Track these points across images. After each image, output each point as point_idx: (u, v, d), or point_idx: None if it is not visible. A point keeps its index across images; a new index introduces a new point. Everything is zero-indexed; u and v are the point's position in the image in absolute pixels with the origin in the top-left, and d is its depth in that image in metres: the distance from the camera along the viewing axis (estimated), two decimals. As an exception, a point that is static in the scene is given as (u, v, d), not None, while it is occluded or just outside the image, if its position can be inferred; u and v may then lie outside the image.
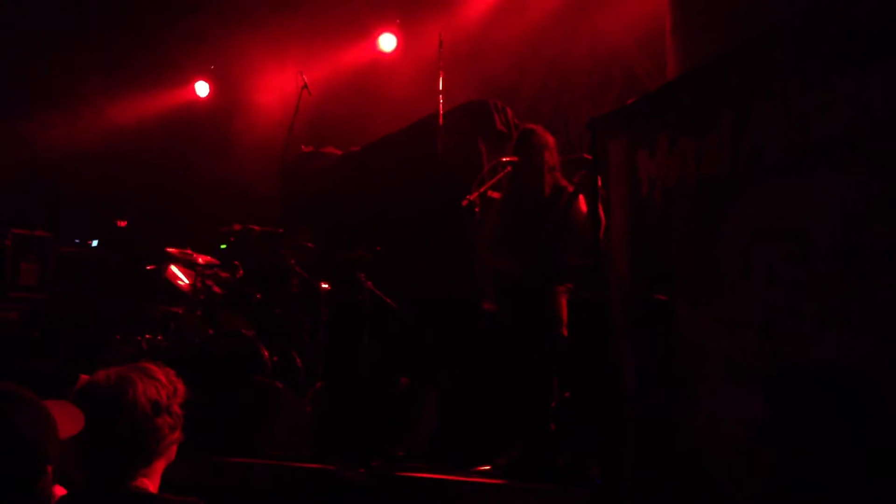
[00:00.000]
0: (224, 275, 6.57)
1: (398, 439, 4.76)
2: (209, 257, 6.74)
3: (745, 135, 2.98)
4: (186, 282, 6.72)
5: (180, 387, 2.65)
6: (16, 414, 1.96)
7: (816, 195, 2.76)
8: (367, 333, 6.15)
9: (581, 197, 4.74)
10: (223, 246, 7.24)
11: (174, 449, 2.65)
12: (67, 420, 2.16)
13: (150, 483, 2.57)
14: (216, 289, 6.52)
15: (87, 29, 8.82)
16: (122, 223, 8.91)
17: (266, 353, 5.77)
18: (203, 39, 8.92)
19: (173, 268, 6.77)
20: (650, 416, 3.53)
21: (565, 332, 4.68)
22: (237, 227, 6.94)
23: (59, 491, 2.50)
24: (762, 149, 2.92)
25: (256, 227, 6.84)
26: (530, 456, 4.20)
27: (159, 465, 2.59)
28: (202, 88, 9.14)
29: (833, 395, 2.02)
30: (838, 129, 2.66)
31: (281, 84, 8.37)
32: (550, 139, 5.19)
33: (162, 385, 2.57)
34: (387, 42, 8.48)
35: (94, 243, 8.82)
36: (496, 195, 5.90)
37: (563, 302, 4.77)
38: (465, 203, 4.98)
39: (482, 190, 5.11)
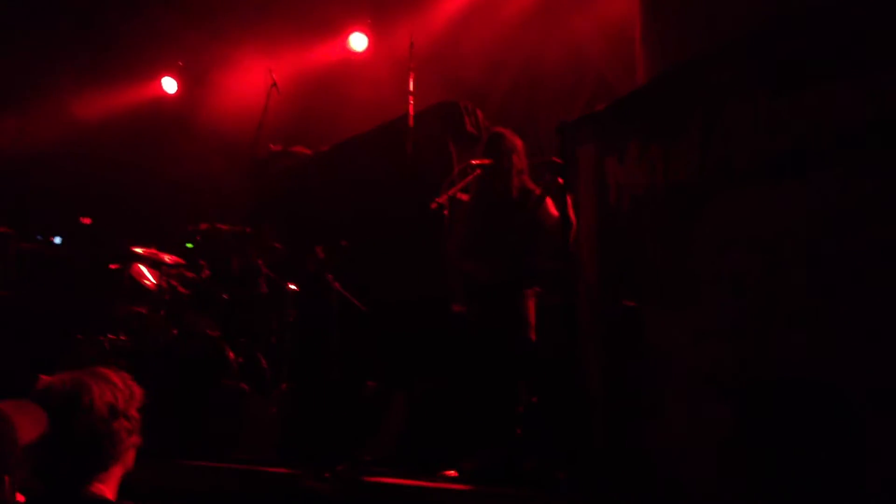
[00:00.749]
0: (190, 274, 6.49)
1: (364, 443, 4.72)
2: (175, 256, 6.65)
3: (714, 142, 2.99)
4: (152, 281, 6.62)
5: (137, 391, 2.60)
6: None
7: (783, 203, 2.77)
8: (335, 335, 6.10)
9: (549, 200, 4.73)
10: (190, 245, 7.13)
11: (132, 454, 2.60)
12: (29, 422, 2.11)
13: (108, 490, 2.52)
14: (181, 289, 6.43)
15: (53, 23, 8.68)
16: (87, 220, 8.76)
17: (231, 355, 5.70)
18: (171, 35, 8.80)
19: (139, 266, 6.66)
20: (616, 422, 3.53)
21: (533, 336, 4.67)
22: (204, 226, 6.86)
23: (19, 498, 2.44)
24: (730, 156, 2.93)
25: (224, 227, 6.76)
26: (497, 461, 4.19)
27: (117, 471, 2.54)
28: (170, 85, 9.01)
29: (802, 406, 2.02)
30: (804, 139, 2.67)
31: (250, 81, 8.27)
32: (519, 142, 5.19)
33: (118, 389, 2.53)
34: (357, 41, 8.42)
35: (58, 240, 8.67)
36: (465, 197, 5.88)
37: (531, 305, 4.76)
38: (434, 206, 4.95)
39: (451, 192, 5.09)
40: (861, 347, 2.48)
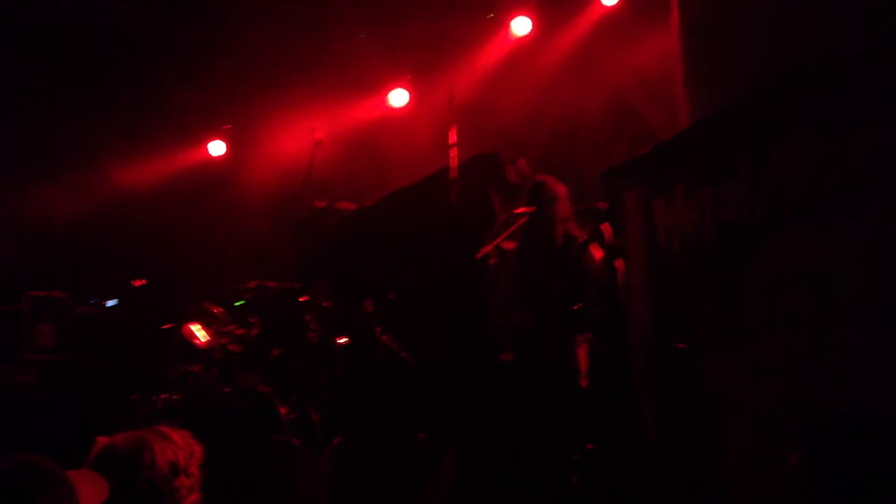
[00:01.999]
0: (239, 332, 6.55)
1: (417, 495, 4.68)
2: (225, 313, 6.72)
3: (764, 181, 2.97)
4: (203, 340, 6.69)
5: (196, 449, 2.64)
6: (38, 490, 1.93)
7: (837, 240, 2.73)
8: (384, 389, 6.10)
9: (593, 245, 4.72)
10: (239, 303, 7.23)
11: (193, 509, 2.62)
12: (90, 489, 2.13)
13: (170, 548, 2.53)
14: (232, 346, 6.49)
15: (103, 89, 8.94)
16: (139, 283, 8.90)
17: (283, 410, 5.71)
18: (218, 99, 9.02)
19: (191, 326, 6.74)
20: (675, 469, 3.47)
21: (584, 383, 4.62)
22: (252, 283, 6.96)
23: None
24: (781, 195, 2.91)
25: (272, 284, 6.84)
26: (554, 512, 4.13)
27: (178, 529, 2.56)
28: (217, 148, 9.21)
29: (866, 445, 1.97)
30: (857, 175, 2.65)
31: (294, 141, 8.42)
32: (562, 189, 5.20)
33: (178, 447, 2.57)
34: (397, 98, 8.54)
35: (111, 303, 8.81)
36: (510, 246, 5.89)
37: (582, 353, 4.72)
38: (479, 256, 4.97)
39: (497, 242, 5.11)
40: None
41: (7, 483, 1.93)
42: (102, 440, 2.58)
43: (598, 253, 4.64)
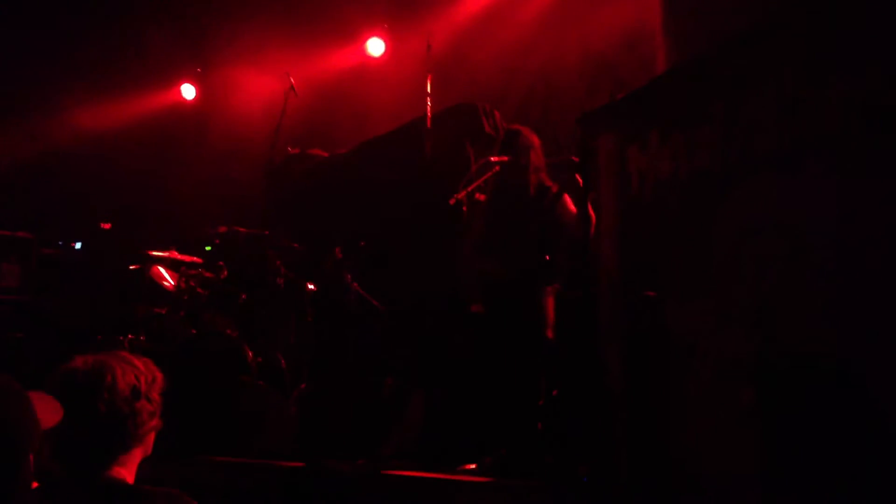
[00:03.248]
0: (208, 275, 6.51)
1: (384, 439, 4.70)
2: (193, 258, 6.68)
3: (738, 128, 2.97)
4: (171, 282, 6.65)
5: (158, 375, 2.61)
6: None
7: (809, 188, 2.74)
8: (353, 335, 6.10)
9: (566, 196, 4.72)
10: (208, 248, 7.18)
11: (152, 438, 2.60)
12: (46, 411, 2.11)
13: (128, 473, 2.52)
14: (200, 290, 6.45)
15: (72, 30, 8.76)
16: (106, 226, 8.81)
17: (250, 354, 5.70)
18: (189, 42, 8.88)
19: (158, 268, 6.69)
20: (638, 415, 3.50)
21: (551, 334, 4.64)
22: (222, 228, 6.90)
23: (33, 485, 2.44)
24: (754, 142, 2.91)
25: (242, 229, 6.80)
26: (517, 455, 4.16)
27: (137, 454, 2.54)
28: (188, 91, 9.07)
29: (824, 385, 1.99)
30: (832, 124, 2.65)
31: (268, 86, 8.31)
32: (536, 140, 5.19)
33: (140, 372, 2.54)
34: (375, 46, 8.43)
35: (77, 246, 8.71)
36: (482, 197, 5.87)
37: (551, 303, 4.74)
38: (452, 202, 4.95)
39: (470, 189, 5.09)
40: (885, 333, 2.45)
41: None
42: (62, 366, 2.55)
43: (570, 202, 4.64)
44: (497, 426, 4.44)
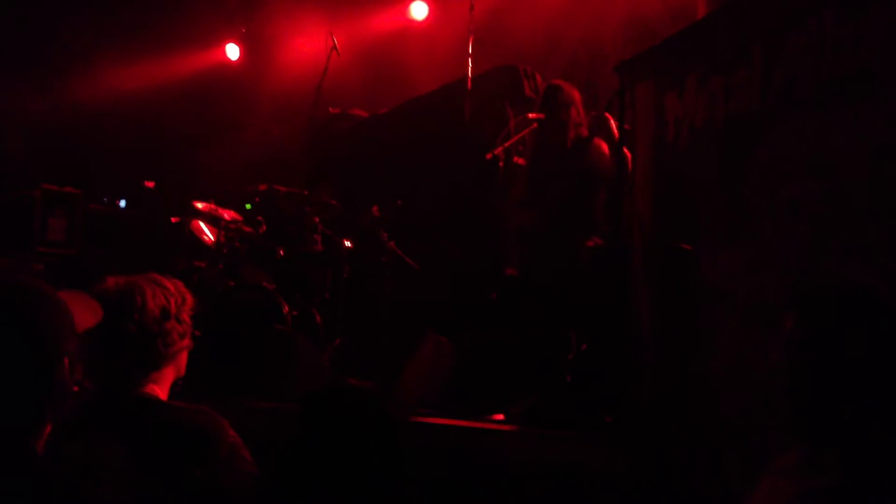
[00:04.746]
0: (247, 230, 6.58)
1: (408, 387, 4.73)
2: (233, 213, 6.75)
3: (776, 69, 2.92)
4: (211, 237, 6.73)
5: (189, 297, 2.66)
6: (31, 305, 1.96)
7: (845, 129, 2.69)
8: (387, 292, 6.14)
9: (601, 143, 4.68)
10: (248, 206, 7.26)
11: (184, 358, 2.66)
12: (86, 311, 2.16)
13: (160, 391, 2.58)
14: (238, 244, 6.53)
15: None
16: (150, 184, 8.95)
17: (286, 307, 5.76)
18: (235, 2, 8.95)
19: (199, 222, 6.78)
20: (666, 363, 3.49)
21: (587, 284, 4.61)
22: (262, 187, 6.97)
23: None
24: (793, 83, 2.86)
25: (282, 188, 6.85)
26: (545, 406, 4.17)
27: (169, 373, 2.60)
28: (233, 51, 9.15)
29: (858, 317, 1.96)
30: (872, 60, 2.59)
31: (310, 47, 8.35)
32: (577, 95, 5.16)
33: (171, 293, 2.59)
34: (418, 10, 8.43)
35: (123, 203, 8.87)
36: (521, 161, 5.86)
37: (585, 255, 4.72)
38: (489, 156, 4.94)
39: (507, 144, 5.08)
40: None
41: (2, 299, 1.95)
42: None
43: (605, 148, 4.61)
44: (526, 378, 4.45)
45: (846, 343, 1.95)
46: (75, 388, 2.43)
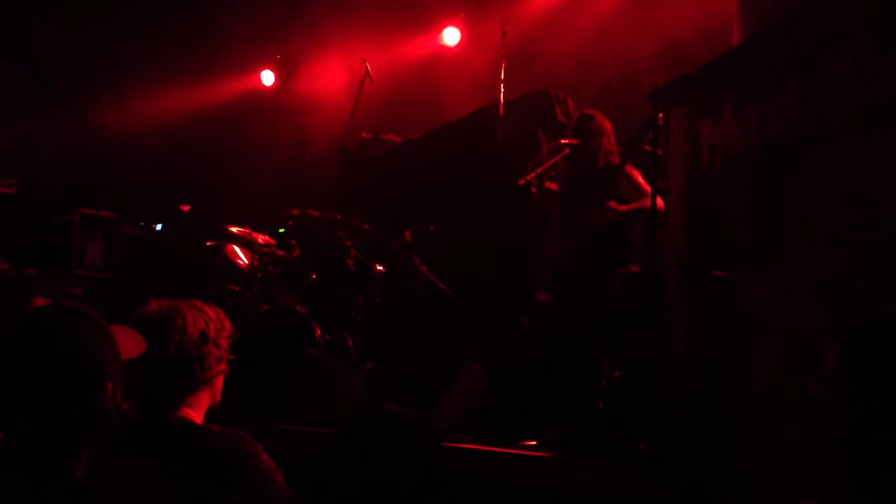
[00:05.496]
0: (281, 254, 6.64)
1: (445, 415, 4.73)
2: (267, 237, 6.82)
3: (812, 97, 2.91)
4: (245, 261, 6.80)
5: (227, 323, 2.69)
6: (79, 329, 2.00)
7: (882, 158, 2.68)
8: (419, 317, 6.16)
9: (631, 169, 4.69)
10: (281, 230, 7.33)
11: (220, 383, 2.68)
12: (129, 342, 2.20)
13: (196, 415, 2.60)
14: (272, 268, 6.59)
15: (161, 16, 9.04)
16: (186, 208, 9.06)
17: (318, 331, 5.79)
18: (269, 28, 9.09)
19: (233, 246, 6.86)
20: (701, 391, 3.46)
21: (620, 310, 4.59)
22: (295, 211, 7.04)
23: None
24: (828, 111, 2.85)
25: (315, 212, 6.92)
26: (578, 433, 4.14)
27: (205, 397, 2.63)
28: (268, 77, 9.29)
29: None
30: (909, 88, 2.58)
31: (344, 72, 8.46)
32: (609, 125, 5.17)
33: (210, 318, 2.63)
34: (451, 36, 8.50)
35: (159, 227, 8.99)
36: (554, 187, 5.86)
37: (619, 283, 4.69)
38: (521, 182, 4.96)
39: (539, 171, 5.10)
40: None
41: (50, 323, 2.00)
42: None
43: (637, 176, 4.61)
44: (559, 405, 4.43)
45: (889, 376, 1.93)
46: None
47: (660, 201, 3.88)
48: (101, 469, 2.42)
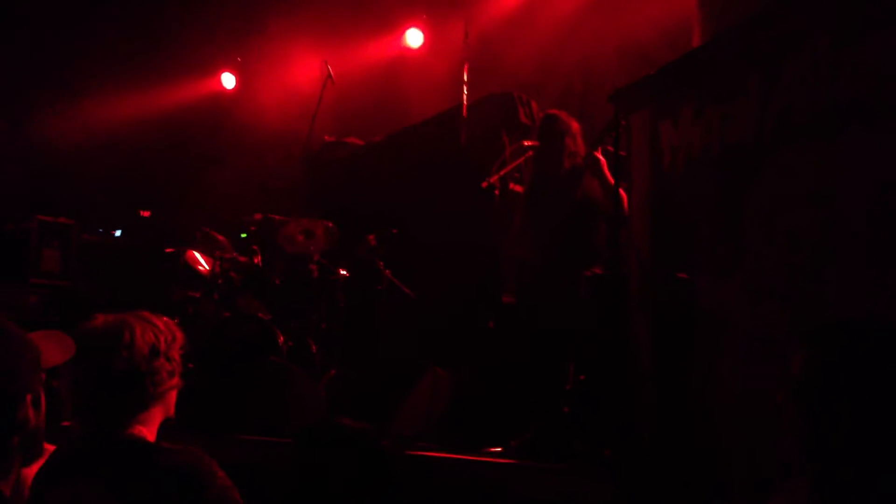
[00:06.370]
0: (242, 260, 6.54)
1: (408, 421, 4.67)
2: (228, 242, 6.71)
3: (773, 98, 2.89)
4: (206, 267, 6.69)
5: (179, 334, 2.60)
6: None
7: (844, 156, 2.66)
8: (384, 321, 6.09)
9: (595, 171, 4.66)
10: (244, 235, 7.23)
11: (173, 397, 2.59)
12: (53, 349, 2.13)
13: (148, 433, 2.51)
14: (234, 274, 6.47)
15: (115, 19, 8.89)
16: (146, 213, 8.92)
17: (281, 338, 5.71)
18: (228, 31, 8.97)
19: (194, 252, 6.74)
20: (666, 394, 3.43)
21: (581, 318, 4.57)
22: (258, 216, 6.95)
23: (49, 448, 2.44)
24: (790, 110, 2.84)
25: (277, 217, 6.83)
26: (543, 439, 4.10)
27: (157, 413, 2.53)
28: (228, 80, 9.16)
29: (866, 354, 1.90)
30: (869, 89, 2.56)
31: (305, 76, 8.36)
32: (575, 125, 5.13)
33: (160, 330, 2.53)
34: (414, 38, 8.44)
35: (118, 233, 8.83)
36: (519, 189, 5.82)
37: (582, 286, 4.66)
38: (484, 185, 4.91)
39: (502, 173, 5.05)
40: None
41: None
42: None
43: (600, 179, 4.58)
44: (524, 410, 4.39)
45: (855, 381, 1.90)
46: (65, 424, 2.38)
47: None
48: (50, 490, 2.33)
